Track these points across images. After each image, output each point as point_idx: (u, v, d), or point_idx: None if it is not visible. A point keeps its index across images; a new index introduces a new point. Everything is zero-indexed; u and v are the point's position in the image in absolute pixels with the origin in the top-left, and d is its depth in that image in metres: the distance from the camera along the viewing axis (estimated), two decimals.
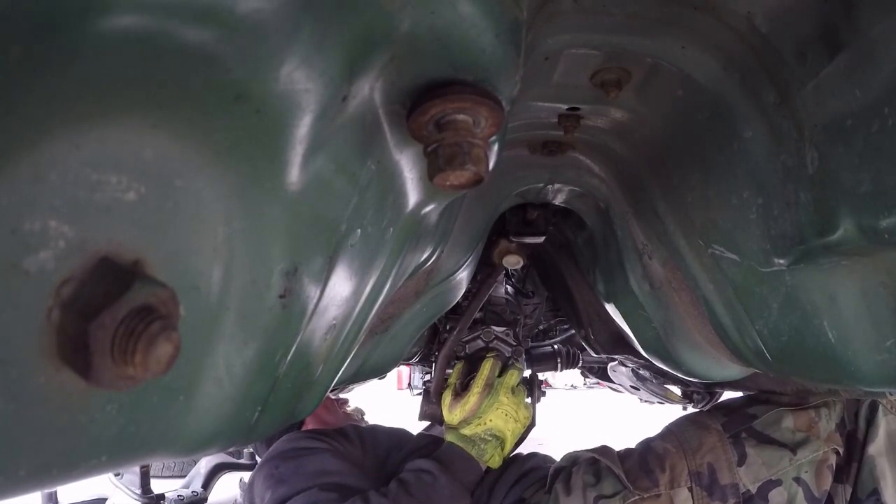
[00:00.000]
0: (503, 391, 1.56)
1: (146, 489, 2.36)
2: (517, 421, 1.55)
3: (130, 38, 0.26)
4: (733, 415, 1.38)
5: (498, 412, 1.53)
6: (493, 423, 1.52)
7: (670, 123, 0.83)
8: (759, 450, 1.28)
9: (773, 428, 1.31)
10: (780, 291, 0.74)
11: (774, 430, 1.30)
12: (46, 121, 0.26)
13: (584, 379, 3.44)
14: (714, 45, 0.64)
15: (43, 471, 0.32)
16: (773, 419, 1.32)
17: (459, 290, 1.37)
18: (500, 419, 1.52)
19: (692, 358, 1.22)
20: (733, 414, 1.39)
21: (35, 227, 0.27)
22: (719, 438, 1.33)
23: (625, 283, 1.23)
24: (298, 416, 0.65)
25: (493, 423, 1.52)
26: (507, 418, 1.53)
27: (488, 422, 1.52)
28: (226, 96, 0.33)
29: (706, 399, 2.48)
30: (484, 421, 1.52)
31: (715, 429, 1.35)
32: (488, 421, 1.52)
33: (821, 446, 1.26)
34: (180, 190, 0.34)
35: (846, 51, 0.50)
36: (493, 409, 1.54)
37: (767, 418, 1.33)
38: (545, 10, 0.61)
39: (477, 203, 1.18)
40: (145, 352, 0.29)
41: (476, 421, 1.53)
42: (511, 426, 1.53)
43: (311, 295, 0.51)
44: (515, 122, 0.90)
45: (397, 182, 0.57)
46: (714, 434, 1.34)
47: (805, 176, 0.60)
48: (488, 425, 1.52)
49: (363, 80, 0.42)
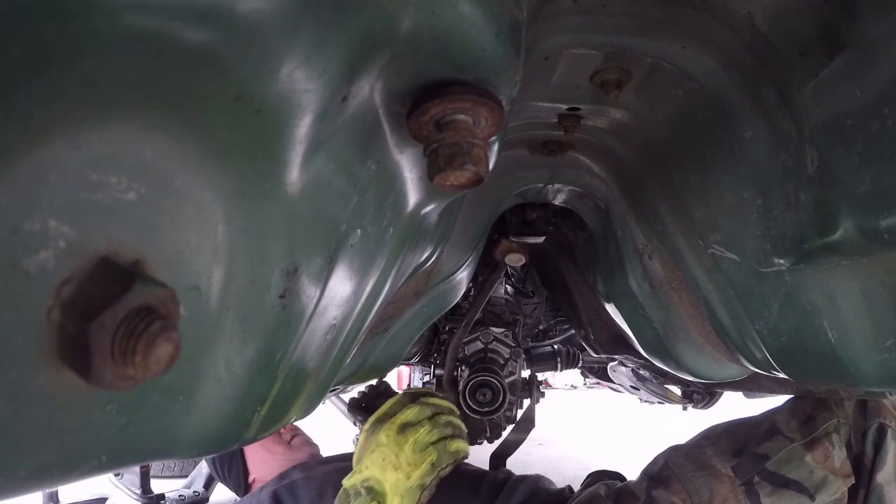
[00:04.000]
0: (385, 430, 1.22)
1: (146, 489, 2.36)
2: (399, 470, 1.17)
3: (131, 39, 0.26)
4: (743, 456, 1.26)
5: (373, 457, 1.20)
6: (368, 473, 1.20)
7: (670, 124, 0.83)
8: (774, 498, 1.20)
9: (788, 467, 1.22)
10: (780, 291, 0.74)
11: (790, 469, 1.21)
12: (47, 121, 0.26)
13: (584, 379, 3.45)
14: (714, 45, 0.64)
15: (43, 471, 0.32)
16: (786, 458, 1.23)
17: (459, 290, 1.37)
18: (376, 467, 1.19)
19: (692, 358, 1.22)
20: (743, 455, 1.27)
21: (35, 227, 0.27)
22: (731, 488, 1.22)
23: (625, 283, 1.23)
24: (299, 416, 0.65)
25: (367, 471, 1.20)
26: (384, 465, 1.18)
27: (363, 469, 1.21)
28: (226, 96, 0.33)
29: (706, 399, 2.49)
30: (360, 469, 1.22)
31: (726, 475, 1.24)
32: (363, 469, 1.21)
33: (840, 487, 1.19)
34: (180, 190, 0.34)
35: (846, 51, 0.50)
36: (370, 452, 1.21)
37: (781, 458, 1.23)
38: (545, 10, 0.61)
39: (477, 203, 1.18)
40: (145, 352, 0.29)
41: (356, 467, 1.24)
42: (391, 477, 1.17)
43: (311, 295, 0.51)
44: (515, 122, 0.90)
45: (397, 182, 0.57)
46: (726, 483, 1.23)
47: (805, 176, 0.60)
48: (363, 474, 1.21)
49: (363, 80, 0.42)
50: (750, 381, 1.40)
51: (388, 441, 1.20)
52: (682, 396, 2.61)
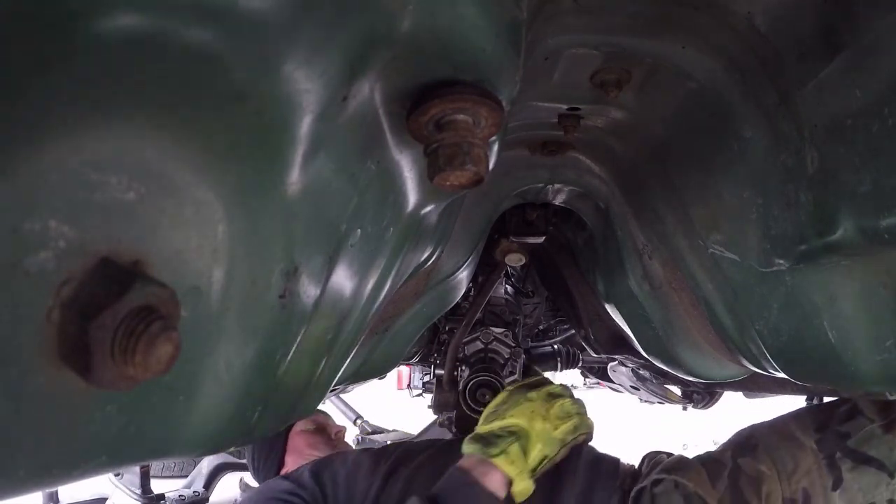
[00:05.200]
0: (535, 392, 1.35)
1: (146, 489, 2.36)
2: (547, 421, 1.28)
3: (131, 39, 0.26)
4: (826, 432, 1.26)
5: (520, 408, 1.31)
6: (513, 420, 1.29)
7: (670, 123, 0.83)
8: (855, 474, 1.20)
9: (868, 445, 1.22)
10: (780, 291, 0.74)
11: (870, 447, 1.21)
12: (47, 121, 0.26)
13: (584, 379, 3.44)
14: (714, 45, 0.64)
15: (43, 471, 0.32)
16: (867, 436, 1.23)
17: (459, 290, 1.37)
18: (524, 416, 1.29)
19: (692, 358, 1.22)
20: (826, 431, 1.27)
21: (35, 227, 0.27)
22: (815, 460, 1.22)
23: (625, 283, 1.23)
24: (299, 417, 0.65)
25: (512, 419, 1.30)
26: (532, 416, 1.29)
27: (508, 417, 1.30)
28: (226, 96, 0.33)
29: (706, 399, 2.49)
30: (502, 415, 1.31)
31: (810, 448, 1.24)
32: (507, 416, 1.31)
33: None
34: (180, 190, 0.34)
35: (846, 51, 0.50)
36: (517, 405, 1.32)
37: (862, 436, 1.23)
38: (545, 10, 0.61)
39: (477, 203, 1.18)
40: (145, 352, 0.29)
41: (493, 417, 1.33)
42: (538, 426, 1.27)
43: (311, 295, 0.51)
44: (515, 122, 0.90)
45: (397, 182, 0.57)
46: (810, 455, 1.23)
47: (805, 176, 0.60)
48: (506, 421, 1.30)
49: (363, 80, 0.42)
50: (750, 381, 1.40)
51: (538, 398, 1.32)
52: (682, 396, 2.61)
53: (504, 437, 1.25)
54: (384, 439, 4.02)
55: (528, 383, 1.40)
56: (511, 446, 1.23)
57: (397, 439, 3.99)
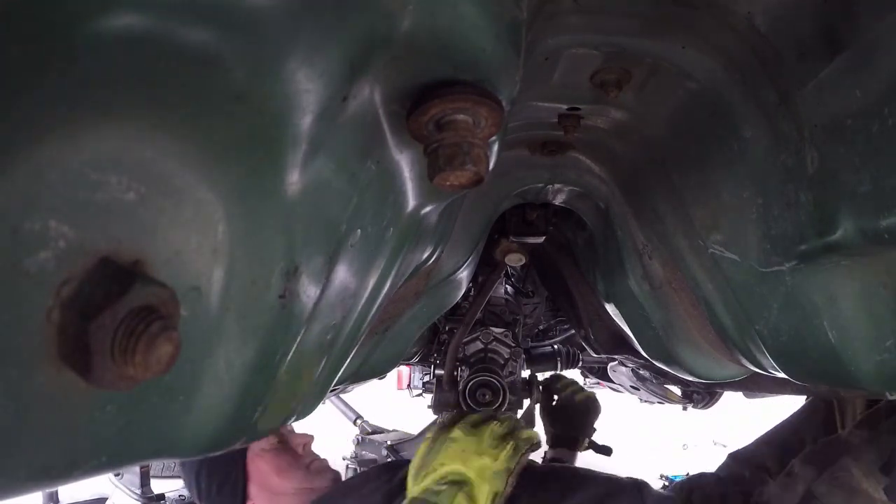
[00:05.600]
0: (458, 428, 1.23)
1: (146, 489, 2.36)
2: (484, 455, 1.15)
3: (131, 39, 0.26)
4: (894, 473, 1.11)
5: (448, 452, 1.17)
6: (445, 469, 1.16)
7: (670, 123, 0.83)
8: None
9: None
10: (780, 291, 0.74)
11: None
12: (47, 121, 0.26)
13: (584, 379, 3.44)
14: (714, 45, 0.64)
15: (43, 471, 0.32)
16: None
17: (459, 290, 1.37)
18: (456, 460, 1.16)
19: (692, 358, 1.22)
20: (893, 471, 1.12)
21: (35, 227, 0.27)
22: None
23: (625, 283, 1.23)
24: (299, 417, 0.65)
25: (444, 467, 1.17)
26: (464, 456, 1.16)
27: (439, 467, 1.17)
28: (226, 96, 0.33)
29: (706, 399, 2.49)
30: (431, 469, 1.17)
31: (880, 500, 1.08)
32: (438, 466, 1.17)
33: None
34: (180, 190, 0.34)
35: (846, 51, 0.50)
36: (444, 451, 1.19)
37: None
38: (545, 10, 0.61)
39: (477, 203, 1.18)
40: (145, 352, 0.29)
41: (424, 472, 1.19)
42: (476, 464, 1.14)
43: (311, 295, 0.51)
44: (515, 122, 0.90)
45: (397, 182, 0.57)
46: None
47: (805, 176, 0.60)
48: (439, 472, 1.16)
49: (363, 80, 0.42)
50: (750, 381, 1.40)
51: (463, 435, 1.20)
52: (682, 396, 2.61)
53: (443, 492, 1.11)
54: (384, 439, 4.02)
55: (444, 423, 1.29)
56: (455, 499, 1.09)
57: (397, 439, 4.00)
